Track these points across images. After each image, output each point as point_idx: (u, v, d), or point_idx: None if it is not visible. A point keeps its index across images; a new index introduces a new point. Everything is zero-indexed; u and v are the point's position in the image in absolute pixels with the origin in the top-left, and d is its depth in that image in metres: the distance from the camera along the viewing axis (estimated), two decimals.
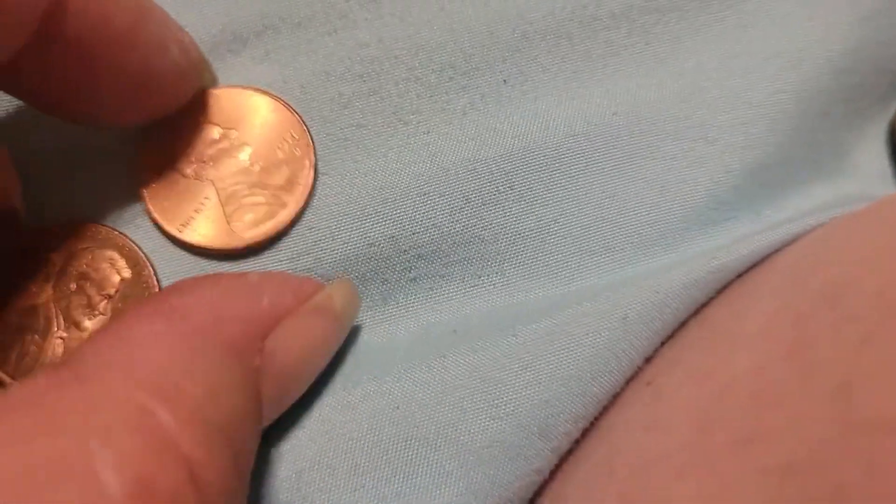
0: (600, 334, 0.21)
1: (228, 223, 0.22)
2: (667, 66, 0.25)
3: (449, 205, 0.23)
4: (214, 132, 0.23)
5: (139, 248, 0.22)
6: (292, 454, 0.21)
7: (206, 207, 0.22)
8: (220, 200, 0.22)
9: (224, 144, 0.22)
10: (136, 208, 0.23)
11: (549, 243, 0.23)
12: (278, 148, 0.23)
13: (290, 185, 0.22)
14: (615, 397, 0.21)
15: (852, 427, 0.15)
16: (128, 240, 0.22)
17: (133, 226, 0.23)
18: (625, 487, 0.18)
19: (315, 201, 0.23)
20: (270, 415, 0.19)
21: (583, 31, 0.25)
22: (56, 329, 0.21)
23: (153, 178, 0.22)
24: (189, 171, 0.22)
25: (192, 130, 0.23)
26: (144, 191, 0.22)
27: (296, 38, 0.24)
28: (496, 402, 0.21)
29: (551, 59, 0.25)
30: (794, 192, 0.25)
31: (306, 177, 0.22)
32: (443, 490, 0.20)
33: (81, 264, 0.22)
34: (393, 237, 0.23)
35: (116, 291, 0.22)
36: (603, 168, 0.24)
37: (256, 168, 0.22)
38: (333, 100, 0.24)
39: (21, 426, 0.14)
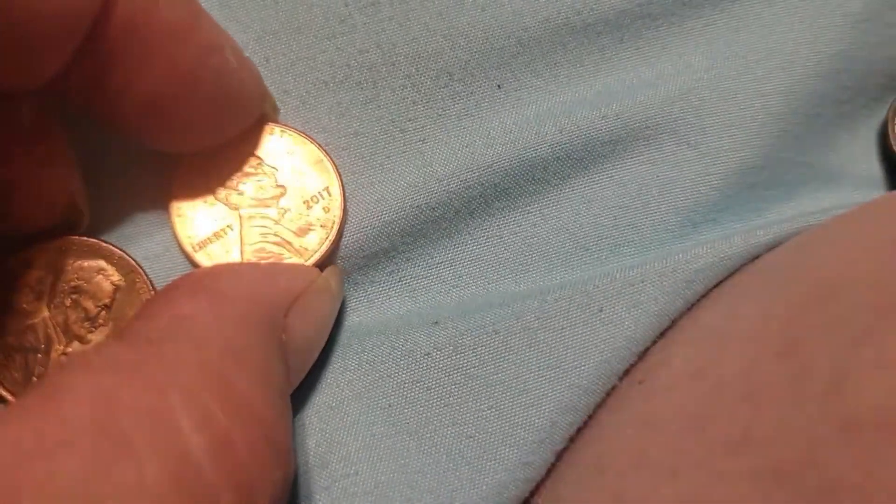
0: (577, 326, 0.22)
1: (242, 259, 0.22)
2: (657, 70, 0.25)
3: (439, 216, 0.23)
4: (256, 165, 0.23)
5: (129, 255, 0.22)
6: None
7: (226, 236, 0.22)
8: (241, 235, 0.22)
9: (262, 181, 0.23)
10: (159, 216, 0.23)
11: (528, 244, 0.24)
12: (311, 202, 0.23)
13: (311, 244, 0.23)
14: (607, 395, 0.21)
15: (845, 425, 0.15)
16: (114, 248, 0.22)
17: (149, 235, 0.23)
18: (617, 486, 0.19)
19: None
20: (291, 387, 0.21)
21: (576, 38, 0.25)
22: (59, 346, 0.21)
23: (184, 191, 0.22)
24: (221, 194, 0.22)
25: (236, 156, 0.23)
26: (173, 202, 0.22)
27: (295, 43, 0.24)
28: (479, 396, 0.21)
29: (545, 65, 0.25)
30: (781, 194, 0.25)
31: (330, 239, 0.23)
32: (430, 479, 0.20)
33: (72, 278, 0.21)
34: (385, 250, 0.23)
35: (112, 301, 0.21)
36: (584, 171, 0.24)
37: (287, 217, 0.22)
38: (332, 109, 0.24)
39: (104, 383, 0.15)
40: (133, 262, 0.22)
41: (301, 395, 0.22)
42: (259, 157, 0.23)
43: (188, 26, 0.20)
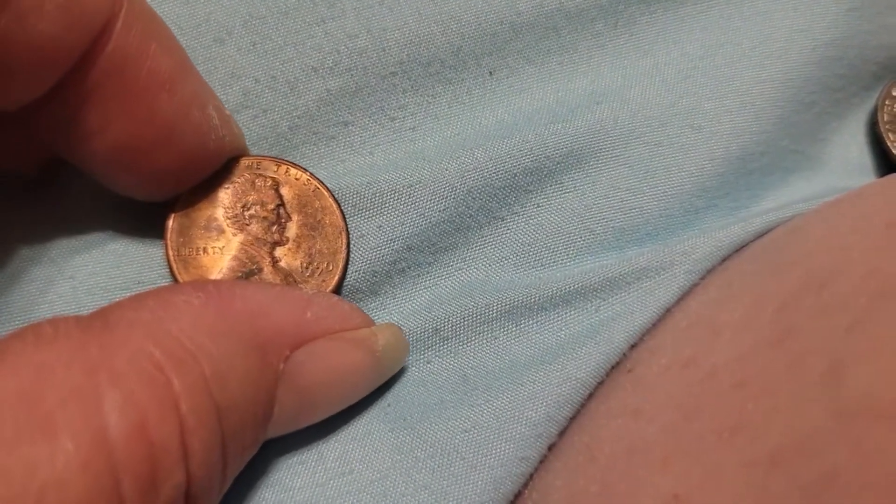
0: (575, 325, 0.22)
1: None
2: (652, 57, 0.25)
3: (435, 193, 0.23)
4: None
5: (266, 156, 0.22)
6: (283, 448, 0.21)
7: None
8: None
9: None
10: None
11: (531, 226, 0.23)
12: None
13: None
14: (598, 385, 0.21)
15: (841, 413, 0.15)
16: (250, 157, 0.22)
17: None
18: (607, 475, 0.18)
19: None
20: (284, 426, 0.20)
21: (570, 23, 0.25)
22: (267, 258, 0.22)
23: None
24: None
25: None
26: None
27: (283, 27, 0.23)
28: (474, 392, 0.21)
29: (537, 51, 0.25)
30: (776, 181, 0.25)
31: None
32: (425, 474, 0.20)
33: (236, 199, 0.22)
34: (380, 227, 0.23)
35: (279, 196, 0.22)
36: (586, 154, 0.24)
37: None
38: (321, 97, 0.23)
39: (41, 357, 0.15)
40: (271, 158, 0.22)
41: None
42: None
43: (176, 77, 0.19)
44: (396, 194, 0.23)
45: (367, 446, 0.20)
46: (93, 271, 0.22)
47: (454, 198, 0.23)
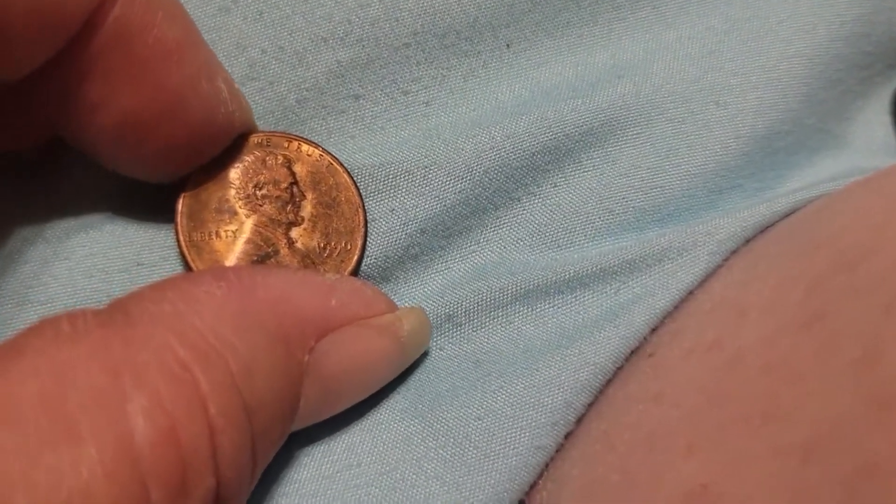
0: (593, 309, 0.21)
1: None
2: (676, 30, 0.24)
3: (451, 175, 0.22)
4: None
5: (276, 131, 0.22)
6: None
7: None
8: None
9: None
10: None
11: (548, 206, 0.23)
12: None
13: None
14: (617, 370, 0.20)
15: (880, 400, 0.14)
16: (260, 133, 0.22)
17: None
18: (626, 462, 0.18)
19: None
20: (307, 418, 0.19)
21: None
22: (282, 240, 0.21)
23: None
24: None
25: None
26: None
27: None
28: (488, 378, 0.20)
29: (556, 24, 0.24)
30: (802, 160, 0.25)
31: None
32: (436, 464, 0.19)
33: (247, 178, 0.21)
34: (393, 210, 0.22)
35: (293, 174, 0.22)
36: (606, 132, 0.23)
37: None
38: (331, 69, 0.23)
39: (62, 356, 0.15)
40: (281, 133, 0.22)
41: None
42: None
43: (183, 47, 0.19)
44: (410, 176, 0.22)
45: (375, 437, 0.20)
46: (90, 252, 0.21)
47: (470, 179, 0.22)
